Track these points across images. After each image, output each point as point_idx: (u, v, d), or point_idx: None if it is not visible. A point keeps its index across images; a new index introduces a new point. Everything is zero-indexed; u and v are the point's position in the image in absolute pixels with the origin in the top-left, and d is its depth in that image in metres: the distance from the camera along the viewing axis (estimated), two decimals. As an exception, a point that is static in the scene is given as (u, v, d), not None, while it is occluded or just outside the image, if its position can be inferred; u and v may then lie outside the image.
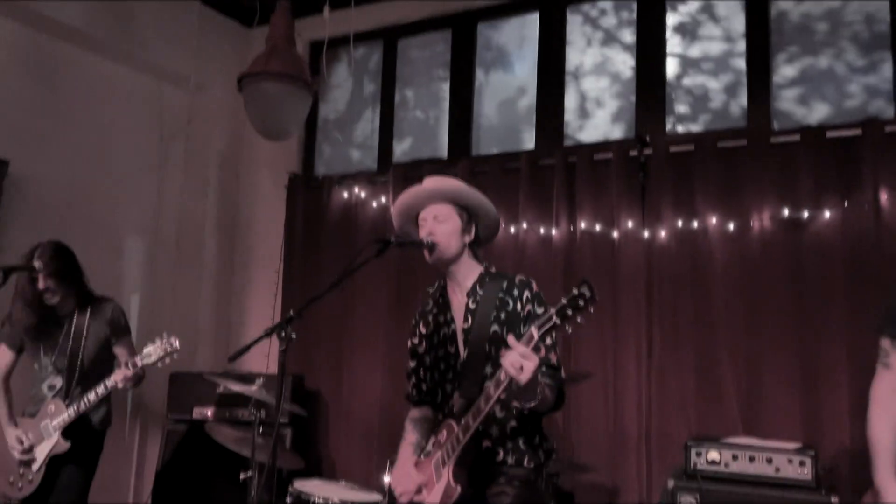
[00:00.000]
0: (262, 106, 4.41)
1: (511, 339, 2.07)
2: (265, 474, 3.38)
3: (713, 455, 3.33)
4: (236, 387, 3.66)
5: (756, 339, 3.79)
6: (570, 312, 2.00)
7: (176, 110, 5.23)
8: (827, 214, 3.69)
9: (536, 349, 2.13)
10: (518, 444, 2.39)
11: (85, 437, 3.52)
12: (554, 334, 2.36)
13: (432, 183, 2.52)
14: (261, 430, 3.52)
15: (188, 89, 5.27)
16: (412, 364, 2.64)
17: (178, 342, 3.40)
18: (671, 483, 3.36)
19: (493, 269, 2.56)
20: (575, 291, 1.99)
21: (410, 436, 2.59)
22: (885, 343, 2.31)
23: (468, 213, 2.51)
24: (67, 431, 3.45)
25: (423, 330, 2.62)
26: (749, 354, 3.80)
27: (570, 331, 2.05)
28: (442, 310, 2.55)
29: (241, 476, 3.47)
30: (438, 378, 2.52)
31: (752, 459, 3.27)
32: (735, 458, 3.30)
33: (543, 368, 2.29)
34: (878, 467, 2.24)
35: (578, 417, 4.12)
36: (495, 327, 2.39)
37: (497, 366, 2.16)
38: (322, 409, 4.98)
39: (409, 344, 2.66)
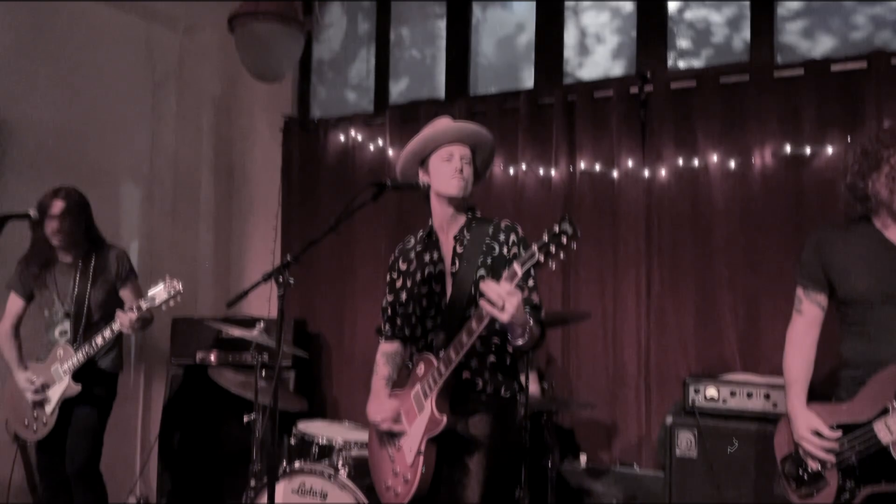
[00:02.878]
0: (254, 47, 4.33)
1: (490, 282, 2.12)
2: (268, 416, 3.44)
3: (711, 391, 3.38)
4: (237, 331, 3.69)
5: (755, 277, 3.80)
6: (552, 249, 2.02)
7: (167, 53, 5.14)
8: (830, 150, 3.65)
9: (520, 288, 2.18)
10: (496, 375, 2.48)
11: (97, 380, 3.59)
12: (534, 274, 2.41)
13: (451, 123, 2.55)
14: (263, 373, 3.56)
15: (178, 31, 5.16)
16: (389, 298, 2.71)
17: (180, 285, 3.44)
18: (669, 419, 3.42)
19: (478, 214, 2.58)
20: (556, 228, 2.01)
21: (383, 369, 2.68)
22: (799, 291, 2.60)
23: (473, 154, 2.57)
24: (79, 375, 3.52)
25: (403, 266, 2.67)
26: (748, 292, 3.82)
27: (554, 267, 2.08)
28: (429, 249, 2.59)
29: (245, 419, 3.53)
30: (419, 314, 2.56)
31: (749, 395, 3.32)
32: (733, 394, 3.35)
33: (527, 309, 2.34)
34: (790, 397, 2.53)
35: (578, 356, 4.17)
36: (482, 272, 2.45)
37: None
38: (325, 352, 5.03)
39: (388, 278, 2.72)
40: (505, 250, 2.47)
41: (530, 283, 2.44)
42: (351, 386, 4.83)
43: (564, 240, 2.00)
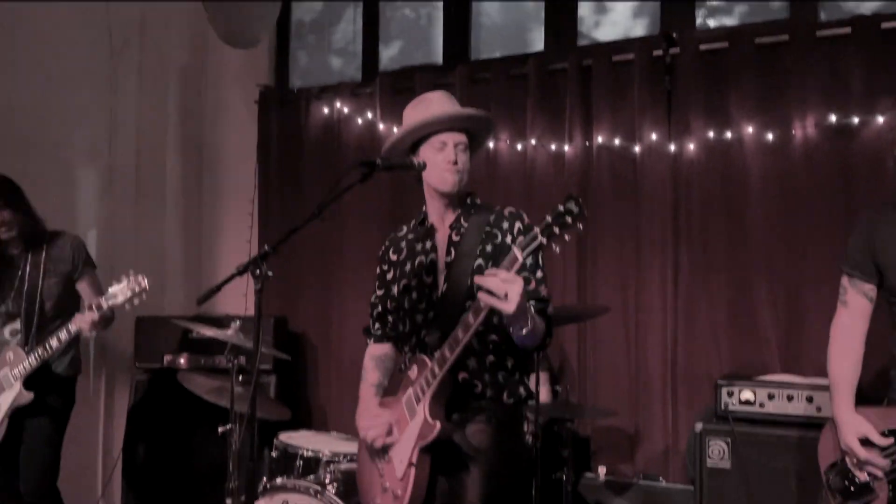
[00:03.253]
0: (224, 8, 4.32)
1: (486, 273, 2.13)
2: (246, 426, 3.46)
3: (747, 394, 3.39)
4: (210, 331, 3.70)
5: (797, 266, 3.81)
6: (556, 230, 2.03)
7: (126, 17, 5.12)
8: (880, 119, 3.65)
9: (527, 280, 2.21)
10: (497, 377, 2.48)
11: (52, 387, 3.60)
12: (544, 267, 2.45)
13: (448, 104, 2.57)
14: (239, 378, 3.57)
15: (139, -10, 5.16)
16: (378, 293, 2.74)
17: (146, 281, 3.44)
18: (700, 426, 3.43)
19: (477, 200, 2.61)
20: (560, 207, 2.03)
21: (371, 375, 2.70)
22: (844, 280, 2.62)
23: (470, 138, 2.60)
24: (31, 381, 3.53)
25: (394, 257, 2.69)
26: (789, 283, 3.83)
27: (558, 251, 2.09)
28: (422, 237, 2.60)
29: (220, 429, 3.54)
30: (408, 309, 2.57)
31: (790, 398, 3.33)
32: (771, 397, 3.36)
33: (532, 303, 2.35)
34: (836, 402, 2.54)
35: (596, 355, 4.19)
36: (480, 261, 2.46)
37: None
38: (309, 353, 5.05)
39: (377, 271, 2.74)
40: (508, 239, 2.49)
41: (538, 273, 2.45)
42: (339, 392, 4.85)
43: (569, 220, 2.02)
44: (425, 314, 2.53)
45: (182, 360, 4.58)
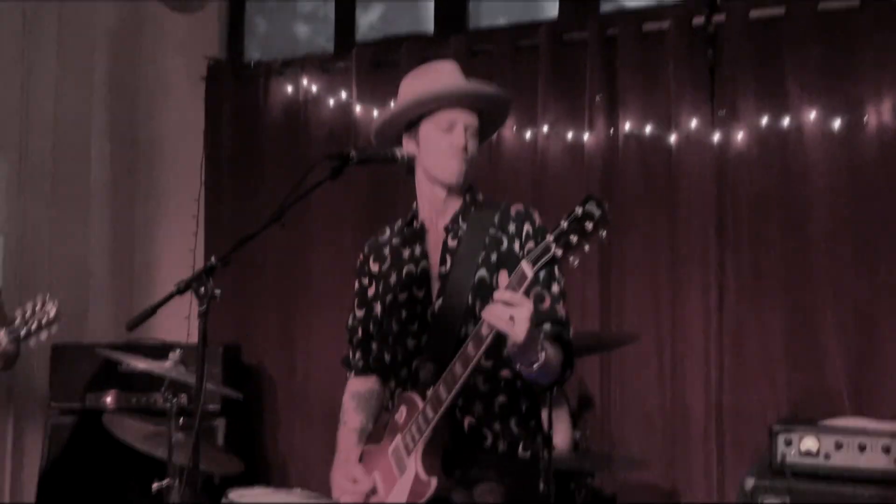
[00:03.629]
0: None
1: (503, 277, 2.11)
2: (187, 482, 3.44)
3: (809, 443, 3.39)
4: (143, 363, 3.68)
5: (871, 285, 3.81)
6: (573, 239, 2.00)
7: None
8: (973, 104, 3.68)
9: (540, 297, 2.18)
10: (510, 425, 2.45)
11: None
12: (561, 280, 2.43)
13: (459, 77, 2.56)
14: (180, 421, 3.55)
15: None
16: (358, 314, 2.71)
17: (55, 308, 3.41)
18: (751, 482, 3.42)
19: (479, 197, 2.59)
20: (579, 210, 2.00)
21: (352, 418, 2.68)
22: None
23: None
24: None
25: (375, 268, 2.66)
26: (860, 306, 3.83)
27: (576, 264, 2.07)
28: (410, 241, 2.59)
29: (155, 486, 3.52)
30: (397, 332, 2.55)
31: (862, 448, 3.32)
32: (839, 446, 3.35)
33: (547, 326, 2.34)
34: None
35: (623, 394, 4.18)
36: (482, 272, 2.44)
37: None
38: (267, 390, 5.03)
39: (356, 286, 2.72)
40: (516, 245, 2.46)
41: (553, 288, 2.42)
42: (305, 438, 4.83)
43: (590, 226, 1.99)
44: (417, 338, 2.50)
45: (109, 399, 4.54)
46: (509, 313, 2.07)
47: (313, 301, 4.89)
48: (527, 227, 2.48)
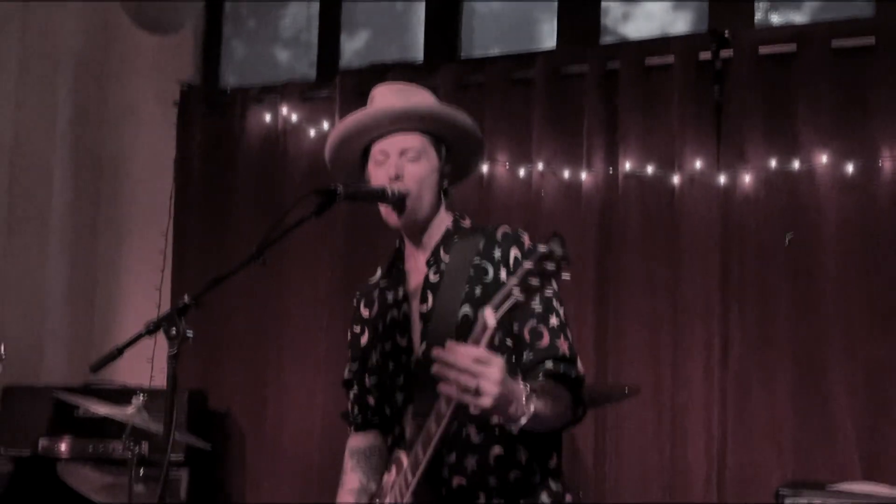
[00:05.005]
0: (139, -19, 4.35)
1: (451, 346, 2.01)
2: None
3: (818, 508, 3.39)
4: (103, 408, 3.66)
5: (884, 340, 3.83)
6: (534, 282, 1.97)
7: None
8: None
9: (531, 327, 2.18)
10: (507, 479, 2.38)
11: None
12: (560, 310, 2.36)
13: (394, 97, 2.48)
14: (141, 472, 3.53)
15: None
16: (353, 366, 2.66)
17: (2, 348, 3.39)
18: (755, 550, 3.41)
19: (465, 222, 2.54)
20: (542, 249, 1.94)
21: (351, 478, 2.62)
22: None
23: (444, 144, 2.50)
24: None
25: (366, 313, 2.63)
26: (872, 361, 3.84)
27: (538, 307, 2.04)
28: (394, 283, 2.56)
29: (113, 542, 3.50)
30: (386, 386, 2.52)
31: (875, 515, 3.33)
32: (850, 512, 3.35)
33: (549, 364, 2.29)
34: None
35: (619, 452, 4.17)
36: (466, 309, 2.37)
37: None
38: (235, 439, 4.99)
39: (349, 335, 2.69)
40: (503, 273, 2.37)
41: (552, 321, 2.34)
42: (274, 492, 4.79)
43: (552, 266, 1.95)
44: (404, 391, 2.46)
45: (63, 446, 4.49)
46: (474, 385, 1.97)
47: (285, 344, 4.88)
48: (514, 252, 2.39)
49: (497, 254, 2.40)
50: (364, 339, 2.61)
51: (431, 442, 2.19)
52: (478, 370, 1.96)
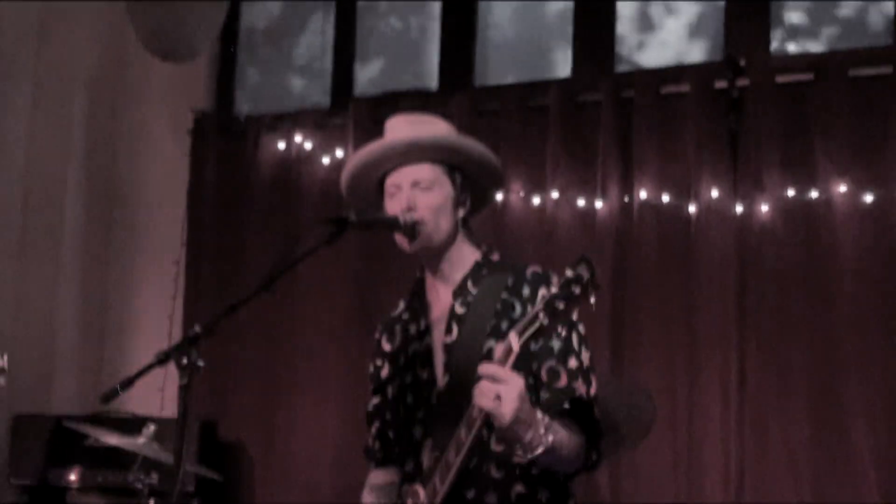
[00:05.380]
0: (153, 10, 4.37)
1: (498, 349, 2.08)
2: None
3: (837, 543, 3.35)
4: (113, 438, 3.65)
5: (904, 369, 3.80)
6: (560, 306, 1.98)
7: (19, 17, 5.17)
8: None
9: (550, 367, 2.18)
10: None
11: None
12: (583, 353, 2.36)
13: (406, 129, 2.49)
14: (152, 503, 3.51)
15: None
16: (375, 401, 2.64)
17: (4, 360, 3.38)
18: (774, 585, 3.38)
19: (494, 256, 2.54)
20: (569, 273, 1.98)
21: None
22: None
23: (461, 174, 2.50)
24: None
25: (388, 346, 2.62)
26: (891, 389, 3.82)
27: (563, 333, 2.07)
28: (416, 315, 2.55)
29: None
30: (404, 420, 2.51)
31: (896, 549, 3.29)
32: (870, 546, 3.32)
33: (565, 406, 2.28)
34: None
35: (634, 482, 4.14)
36: (492, 343, 2.35)
37: None
38: (245, 471, 4.97)
39: (371, 368, 2.67)
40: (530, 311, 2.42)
41: (571, 363, 2.33)
42: (285, 524, 4.77)
43: (577, 290, 1.97)
44: (423, 426, 2.44)
45: (73, 477, 4.50)
46: (496, 391, 2.03)
47: (297, 374, 4.86)
48: (542, 292, 2.35)
49: (526, 291, 2.40)
50: (384, 373, 2.60)
51: (451, 470, 2.20)
52: (501, 384, 2.03)
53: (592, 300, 1.97)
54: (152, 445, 3.55)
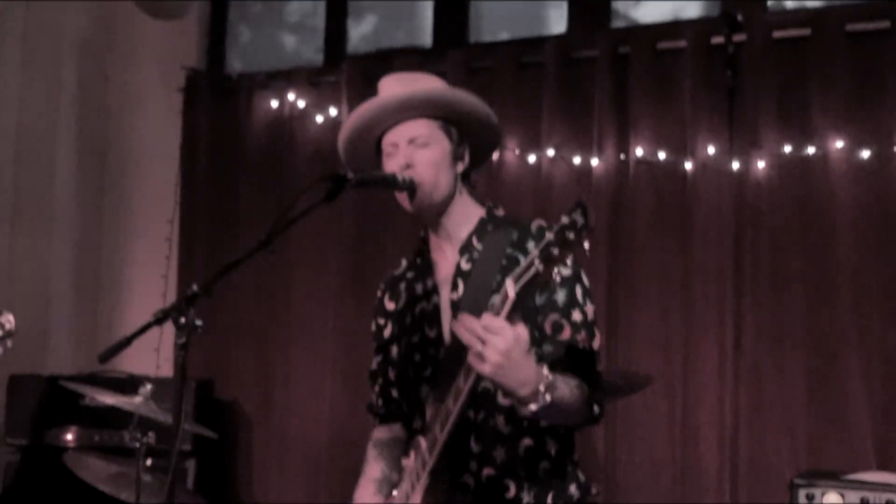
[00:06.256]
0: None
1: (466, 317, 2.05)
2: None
3: (832, 498, 3.37)
4: (110, 398, 3.65)
5: (900, 327, 3.82)
6: (555, 252, 1.96)
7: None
8: None
9: (554, 320, 2.19)
10: (537, 472, 2.39)
11: None
12: (586, 305, 2.37)
13: (397, 85, 2.49)
14: (149, 462, 3.53)
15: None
16: (377, 359, 2.67)
17: (12, 320, 3.39)
18: (769, 541, 3.41)
19: (499, 212, 2.55)
20: (565, 220, 1.95)
21: (373, 467, 2.63)
22: None
23: (458, 129, 2.50)
24: None
25: (390, 305, 2.64)
26: (889, 349, 3.83)
27: (558, 278, 2.06)
28: (421, 274, 2.56)
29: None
30: (412, 377, 2.53)
31: (890, 505, 3.32)
32: (865, 502, 3.34)
33: (567, 358, 2.29)
34: None
35: (630, 444, 4.17)
36: (496, 299, 2.38)
37: None
38: (242, 429, 5.00)
39: (373, 327, 2.69)
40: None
41: (575, 315, 2.34)
42: (281, 481, 4.81)
43: (571, 236, 1.94)
44: (430, 383, 2.45)
45: (70, 436, 4.51)
46: (480, 342, 2.00)
47: (292, 333, 4.88)
48: (545, 239, 2.41)
49: (530, 246, 2.37)
50: (388, 332, 2.62)
51: (449, 419, 2.21)
52: (485, 337, 1.99)
53: (587, 245, 1.93)
54: (149, 404, 3.56)
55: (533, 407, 2.10)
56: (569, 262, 2.05)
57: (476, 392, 2.21)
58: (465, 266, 2.45)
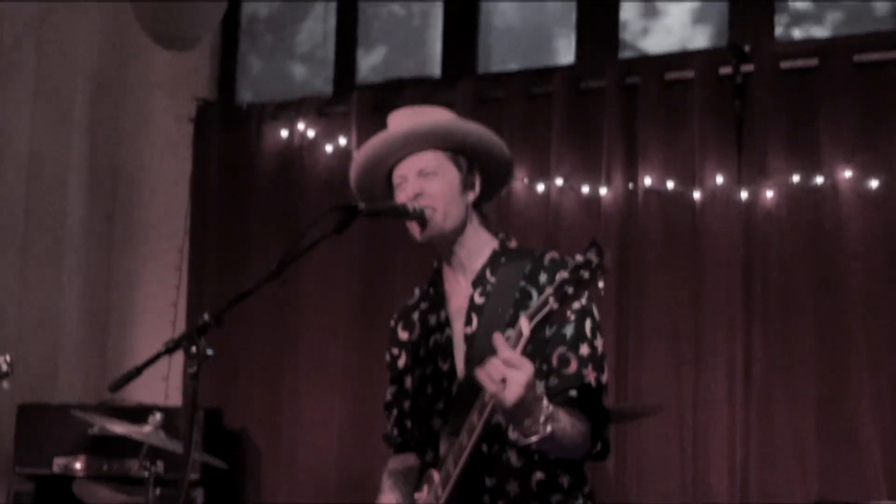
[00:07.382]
0: (155, -2, 4.38)
1: (498, 338, 2.07)
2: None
3: (844, 529, 3.37)
4: (119, 427, 3.66)
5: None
6: (569, 290, 1.99)
7: (21, 5, 5.16)
8: None
9: (560, 353, 2.18)
10: None
11: None
12: (595, 340, 2.36)
13: (405, 120, 2.51)
14: (157, 491, 3.53)
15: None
16: (392, 389, 2.66)
17: (8, 360, 3.39)
18: (780, 572, 3.39)
19: (511, 244, 2.54)
20: (579, 258, 1.99)
21: (387, 497, 2.61)
22: None
23: (468, 159, 2.51)
24: None
25: (405, 335, 2.63)
26: (900, 378, 3.83)
27: (572, 316, 2.08)
28: (434, 305, 2.56)
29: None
30: (424, 411, 2.53)
31: (902, 536, 3.30)
32: (877, 533, 3.33)
33: (573, 393, 2.29)
34: None
35: (639, 472, 4.15)
36: (510, 332, 2.36)
37: None
38: (251, 459, 4.98)
39: (388, 357, 2.68)
40: (550, 301, 2.41)
41: (582, 350, 2.34)
42: (291, 513, 4.80)
43: (587, 274, 1.98)
44: (443, 417, 2.45)
45: (79, 465, 4.50)
46: (503, 374, 2.03)
47: (302, 362, 4.86)
48: (560, 278, 2.31)
49: (543, 279, 2.39)
50: (402, 362, 2.61)
51: (463, 454, 2.21)
52: (506, 373, 2.02)
53: (601, 284, 1.98)
54: (158, 434, 3.57)
55: (534, 438, 2.12)
56: (584, 300, 2.06)
57: (489, 426, 2.22)
58: (479, 300, 2.45)
